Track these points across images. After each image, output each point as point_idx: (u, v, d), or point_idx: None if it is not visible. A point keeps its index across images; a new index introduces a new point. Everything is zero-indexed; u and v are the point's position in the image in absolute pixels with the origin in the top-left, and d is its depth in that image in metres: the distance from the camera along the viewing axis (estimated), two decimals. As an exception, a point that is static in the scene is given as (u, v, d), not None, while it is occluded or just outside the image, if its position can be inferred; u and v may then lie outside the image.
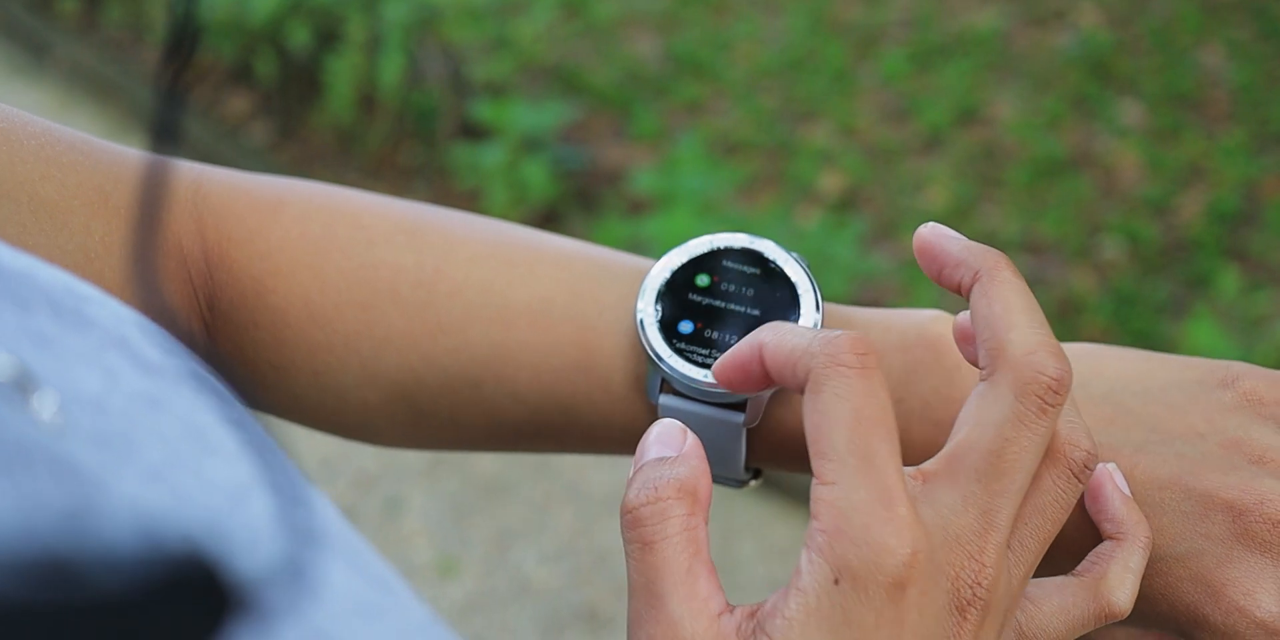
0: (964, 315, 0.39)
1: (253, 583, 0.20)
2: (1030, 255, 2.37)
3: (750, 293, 0.44)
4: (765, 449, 0.45)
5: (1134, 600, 0.38)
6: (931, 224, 0.40)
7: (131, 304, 0.41)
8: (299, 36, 2.68)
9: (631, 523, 0.34)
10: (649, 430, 0.37)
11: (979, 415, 0.35)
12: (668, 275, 0.44)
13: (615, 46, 2.92)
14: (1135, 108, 2.70)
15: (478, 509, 2.00)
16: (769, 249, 0.44)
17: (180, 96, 0.28)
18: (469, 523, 1.99)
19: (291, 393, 0.46)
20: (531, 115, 2.48)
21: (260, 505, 0.24)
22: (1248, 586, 0.38)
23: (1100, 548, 0.39)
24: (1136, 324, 2.21)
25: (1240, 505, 0.39)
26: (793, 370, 0.35)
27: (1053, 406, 0.35)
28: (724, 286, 0.44)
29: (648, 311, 0.43)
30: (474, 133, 2.56)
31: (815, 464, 0.33)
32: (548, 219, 2.45)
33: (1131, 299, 2.26)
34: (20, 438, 0.21)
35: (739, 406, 0.43)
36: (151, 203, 0.29)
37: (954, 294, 0.40)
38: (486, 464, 2.05)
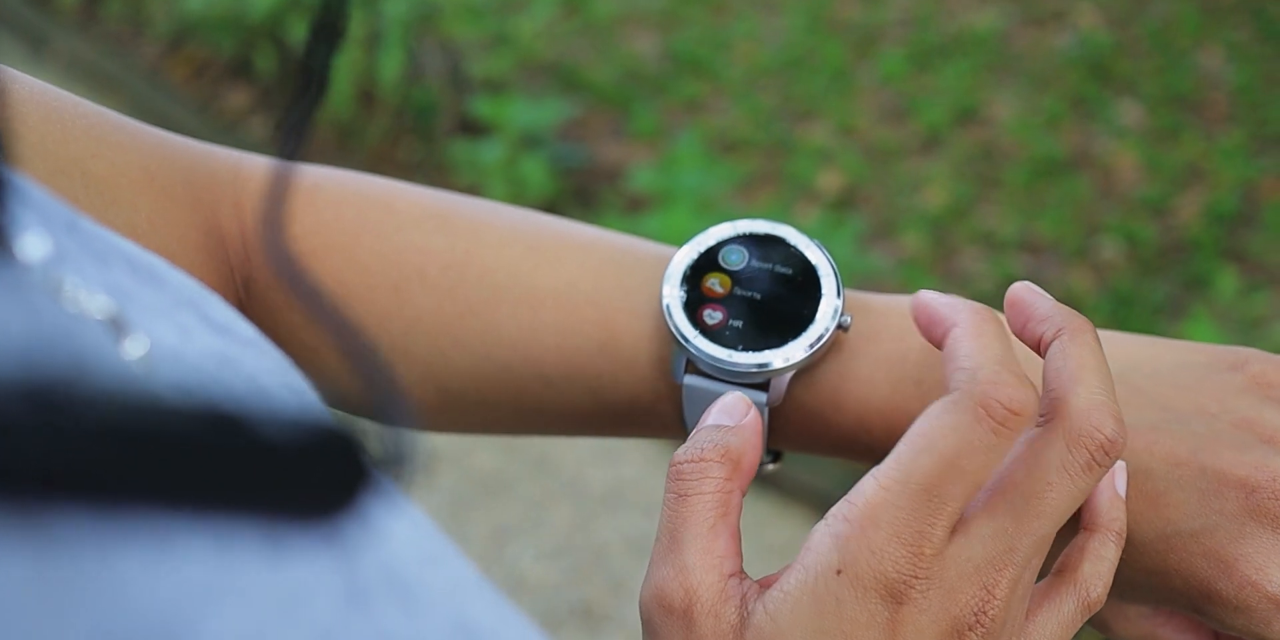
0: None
1: (379, 463, 0.21)
2: (1028, 255, 2.38)
3: (772, 276, 0.45)
4: (786, 430, 0.46)
5: (1108, 589, 0.39)
6: (1026, 283, 0.41)
7: None
8: (299, 31, 2.67)
9: (674, 475, 0.37)
10: (716, 400, 0.40)
11: (1028, 457, 0.36)
12: (693, 258, 0.45)
13: (614, 44, 2.92)
14: (1134, 108, 2.70)
15: (475, 505, 2.00)
16: (790, 234, 0.45)
17: (302, 141, 0.28)
18: (466, 519, 1.99)
19: (323, 374, 0.47)
20: (530, 112, 2.48)
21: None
22: (1260, 562, 0.39)
23: (1074, 541, 0.40)
24: (1134, 325, 2.21)
25: (1253, 482, 0.40)
26: (952, 371, 0.36)
27: (1099, 466, 0.36)
28: (747, 270, 0.45)
29: (673, 294, 0.44)
30: (473, 129, 2.56)
31: (889, 461, 0.35)
32: (546, 216, 2.45)
33: (1129, 299, 2.26)
34: (119, 373, 0.22)
35: (762, 386, 0.44)
36: (277, 202, 0.30)
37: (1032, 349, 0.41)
38: (484, 460, 2.05)
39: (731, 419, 0.39)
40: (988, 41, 2.89)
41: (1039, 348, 0.40)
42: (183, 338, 0.26)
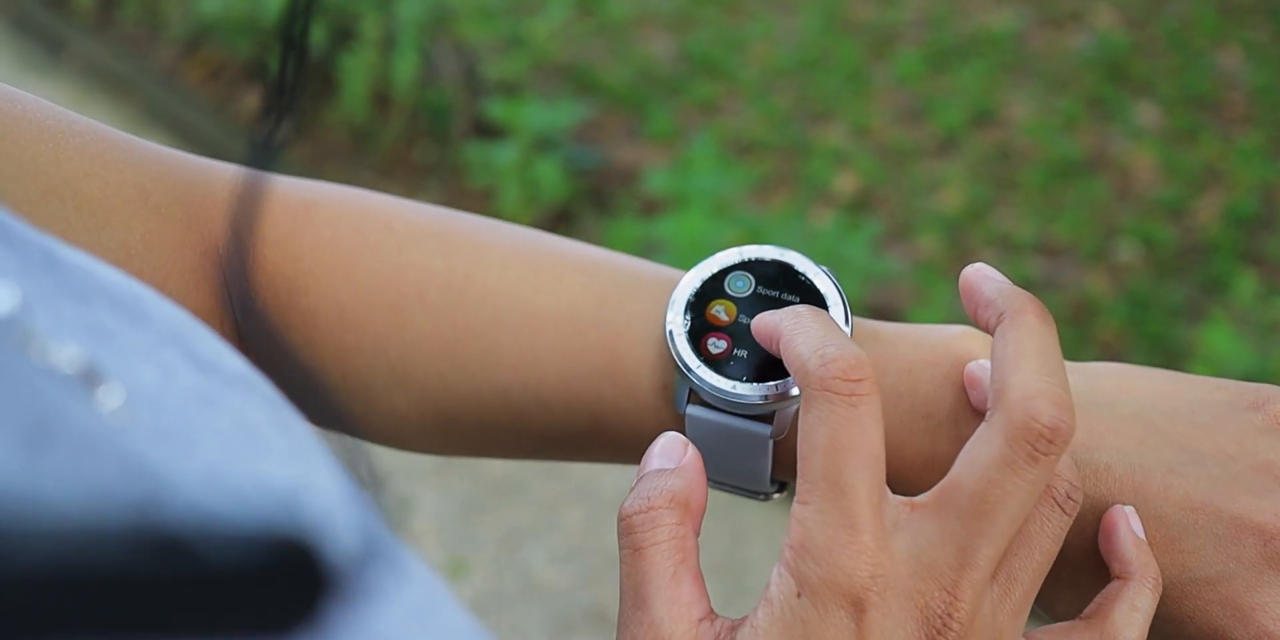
0: (974, 363, 0.41)
1: (345, 564, 0.20)
2: (1045, 258, 2.36)
3: (778, 304, 0.43)
4: (792, 462, 0.45)
5: None
6: (978, 264, 0.41)
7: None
8: (314, 34, 2.67)
9: (625, 529, 0.37)
10: (654, 443, 0.39)
11: (970, 454, 0.36)
12: (697, 285, 0.44)
13: (629, 46, 2.91)
14: (1151, 109, 2.68)
15: (488, 508, 2.00)
16: (798, 261, 0.44)
17: (278, 146, 0.28)
18: (479, 522, 1.99)
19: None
20: (545, 114, 2.48)
21: (310, 509, 0.24)
22: (1277, 612, 0.38)
23: (1108, 588, 0.39)
24: (1152, 328, 2.20)
25: (1271, 529, 0.38)
26: (794, 374, 0.37)
27: (1045, 455, 0.35)
28: (752, 298, 0.44)
29: (676, 322, 0.43)
30: (487, 132, 2.56)
31: (797, 482, 0.36)
32: (560, 219, 2.45)
33: (1146, 303, 2.25)
34: (89, 430, 0.21)
35: (766, 418, 0.43)
36: (245, 223, 0.29)
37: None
38: (497, 464, 2.05)
39: (671, 461, 0.39)
40: (1004, 42, 2.87)
41: (990, 333, 0.39)
42: (164, 379, 0.25)
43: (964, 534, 0.35)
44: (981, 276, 0.40)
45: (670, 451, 0.39)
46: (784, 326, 0.39)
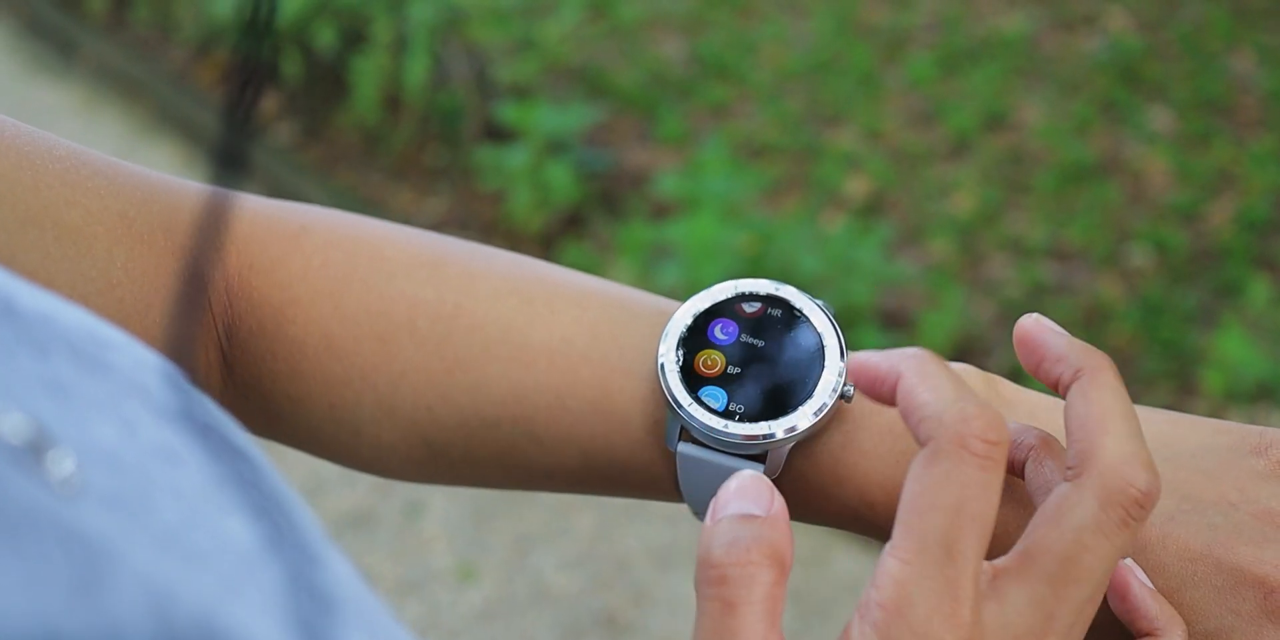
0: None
1: None
2: (1057, 262, 2.36)
3: (773, 340, 0.43)
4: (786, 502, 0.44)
5: None
6: (1034, 315, 0.39)
7: (159, 340, 0.41)
8: (325, 37, 2.68)
9: (716, 580, 0.34)
10: (729, 480, 0.36)
11: (1059, 517, 0.35)
12: (690, 320, 0.43)
13: (641, 48, 2.91)
14: (1164, 113, 2.67)
15: (498, 513, 2.00)
16: (793, 296, 0.43)
17: (249, 128, 0.27)
18: (489, 527, 1.98)
19: (308, 425, 0.45)
20: (556, 117, 2.48)
21: (275, 568, 0.23)
22: None
23: None
24: (1164, 333, 2.19)
25: (1272, 581, 0.37)
26: (916, 423, 0.35)
27: (1136, 520, 0.34)
28: (747, 333, 0.43)
29: (669, 356, 0.42)
30: (499, 134, 2.56)
31: (898, 534, 0.33)
32: (571, 222, 2.45)
33: (1159, 308, 2.24)
34: (30, 505, 0.20)
35: (759, 458, 0.42)
36: (208, 240, 0.28)
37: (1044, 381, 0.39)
38: (507, 468, 2.05)
39: (760, 507, 0.35)
40: (1016, 45, 2.87)
41: (1057, 388, 0.38)
42: (124, 435, 0.24)
43: (1052, 600, 0.34)
44: (1045, 329, 0.38)
45: (756, 495, 0.35)
46: (909, 369, 0.36)
